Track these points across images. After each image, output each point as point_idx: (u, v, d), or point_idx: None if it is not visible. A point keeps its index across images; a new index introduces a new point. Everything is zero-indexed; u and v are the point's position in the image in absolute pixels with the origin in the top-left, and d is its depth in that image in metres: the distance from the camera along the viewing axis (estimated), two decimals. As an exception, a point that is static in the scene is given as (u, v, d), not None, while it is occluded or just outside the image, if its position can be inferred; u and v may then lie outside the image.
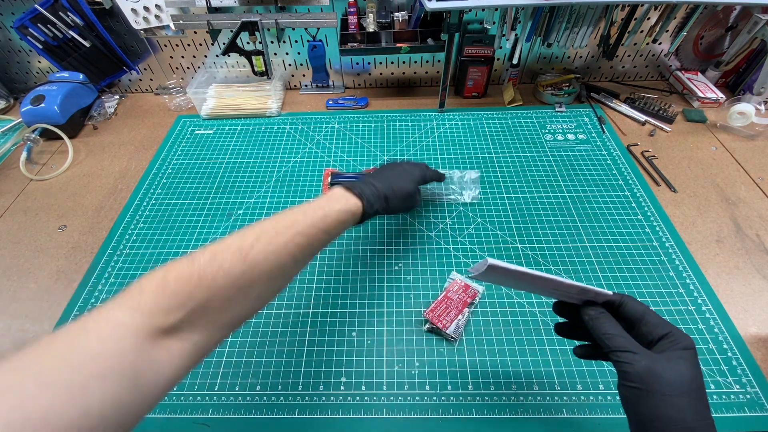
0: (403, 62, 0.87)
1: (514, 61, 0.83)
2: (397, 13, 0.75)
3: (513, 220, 0.62)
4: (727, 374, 0.46)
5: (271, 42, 0.83)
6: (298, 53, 0.85)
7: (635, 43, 0.82)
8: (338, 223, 0.41)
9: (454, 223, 0.62)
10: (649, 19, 0.74)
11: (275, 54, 0.86)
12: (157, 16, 0.78)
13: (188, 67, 0.89)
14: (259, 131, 0.81)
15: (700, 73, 0.85)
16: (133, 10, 0.76)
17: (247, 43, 0.81)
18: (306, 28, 0.79)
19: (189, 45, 0.85)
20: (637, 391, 0.29)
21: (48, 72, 0.89)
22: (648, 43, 0.78)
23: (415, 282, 0.55)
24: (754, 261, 0.56)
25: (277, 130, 0.81)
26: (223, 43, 0.80)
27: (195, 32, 0.82)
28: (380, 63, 0.87)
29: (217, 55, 0.85)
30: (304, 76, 0.90)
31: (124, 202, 0.68)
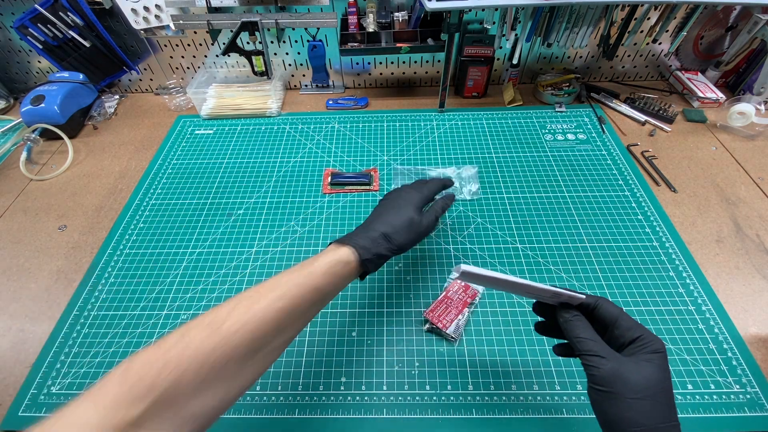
0: (403, 62, 0.87)
1: (514, 61, 0.83)
2: (397, 13, 0.75)
3: (513, 220, 0.62)
4: (727, 374, 0.46)
5: (271, 42, 0.83)
6: (298, 53, 0.85)
7: (635, 43, 0.82)
8: (330, 277, 0.37)
9: (454, 223, 0.62)
10: (649, 19, 0.74)
11: (275, 54, 0.86)
12: (157, 16, 0.78)
13: (188, 67, 0.89)
14: (259, 131, 0.81)
15: (700, 73, 0.85)
16: (133, 10, 0.76)
17: (247, 43, 0.81)
18: (306, 28, 0.79)
19: (189, 45, 0.85)
20: (603, 393, 0.30)
21: (48, 72, 0.89)
22: (648, 43, 0.78)
23: (415, 282, 0.55)
24: (754, 261, 0.56)
25: (277, 130, 0.81)
26: (223, 43, 0.80)
27: (195, 32, 0.82)
28: (380, 63, 0.87)
29: (217, 55, 0.85)
30: (304, 76, 0.90)
31: (124, 202, 0.68)
